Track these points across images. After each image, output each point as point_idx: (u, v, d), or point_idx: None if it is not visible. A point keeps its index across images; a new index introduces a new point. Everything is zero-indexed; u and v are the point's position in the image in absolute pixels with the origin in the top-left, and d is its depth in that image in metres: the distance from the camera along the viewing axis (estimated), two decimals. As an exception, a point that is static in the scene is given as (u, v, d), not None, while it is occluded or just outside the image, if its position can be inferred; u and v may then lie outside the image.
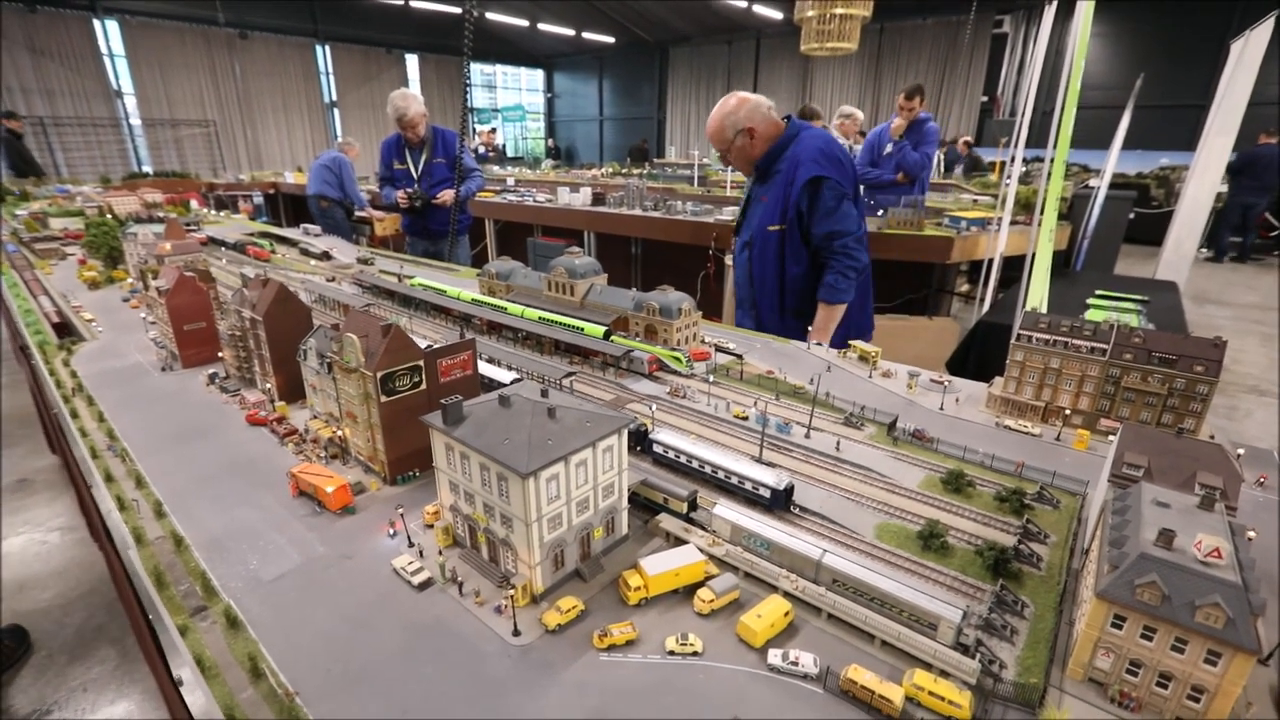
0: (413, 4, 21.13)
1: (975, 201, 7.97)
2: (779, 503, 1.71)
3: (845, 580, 1.40)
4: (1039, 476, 1.87)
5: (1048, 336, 2.18)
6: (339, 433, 2.06)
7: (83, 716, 3.43)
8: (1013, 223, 5.32)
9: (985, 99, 18.55)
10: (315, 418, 2.24)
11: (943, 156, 12.71)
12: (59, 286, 4.47)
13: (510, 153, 26.01)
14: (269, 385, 2.49)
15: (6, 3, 16.73)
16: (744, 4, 19.23)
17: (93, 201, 7.55)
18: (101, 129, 19.02)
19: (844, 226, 3.27)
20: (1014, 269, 6.46)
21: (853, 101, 20.18)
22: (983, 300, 5.50)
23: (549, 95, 30.35)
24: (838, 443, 2.08)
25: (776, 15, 19.64)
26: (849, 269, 3.31)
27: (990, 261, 5.42)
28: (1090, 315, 3.64)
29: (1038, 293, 3.38)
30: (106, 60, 18.85)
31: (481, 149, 17.17)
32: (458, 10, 21.16)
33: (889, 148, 7.38)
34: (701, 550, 1.51)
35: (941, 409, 2.40)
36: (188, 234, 4.48)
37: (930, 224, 6.11)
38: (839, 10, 10.90)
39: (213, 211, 8.52)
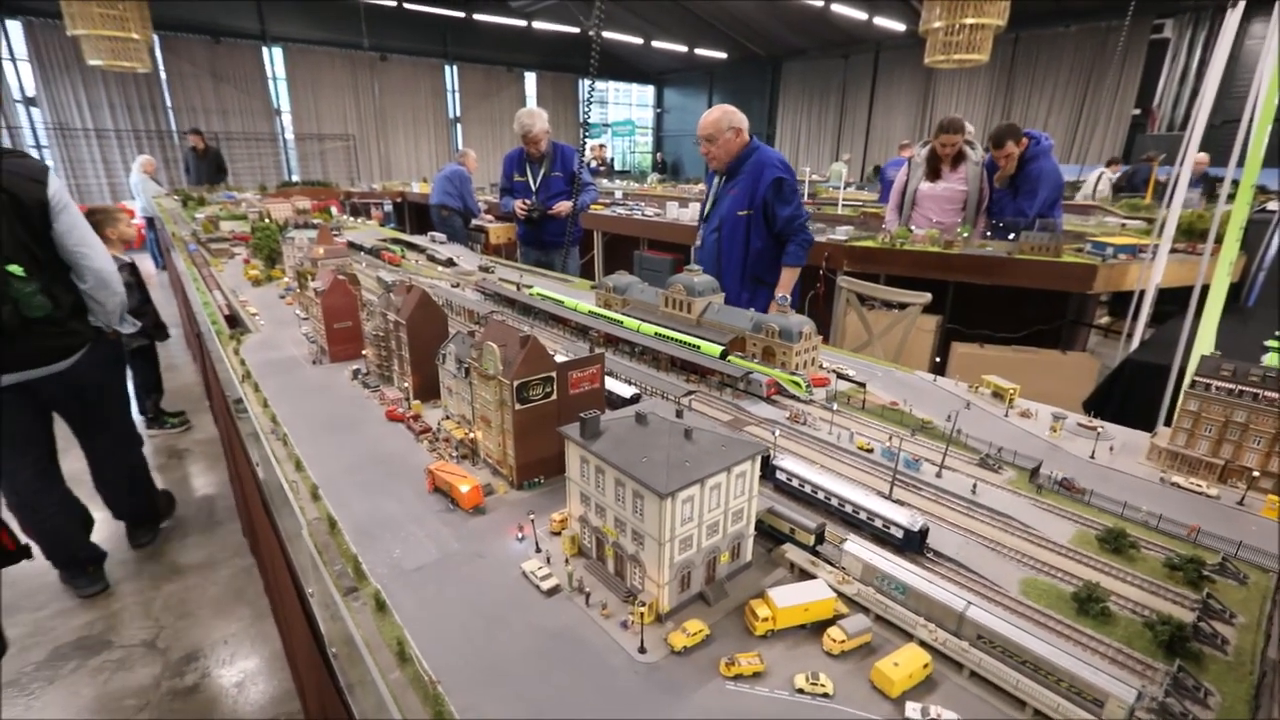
0: (535, 25, 22.25)
1: (1123, 226, 7.26)
2: (912, 544, 1.62)
3: (992, 638, 1.30)
4: (1219, 545, 1.66)
5: (1231, 386, 1.93)
6: (470, 435, 2.18)
7: (225, 665, 3.82)
8: (1171, 250, 4.79)
9: (1137, 112, 16.84)
10: (448, 418, 2.38)
11: (1107, 174, 11.38)
12: (228, 283, 5.05)
13: (617, 166, 26.70)
14: (406, 384, 2.69)
15: (198, 35, 19.34)
16: (864, 17, 18.69)
17: (254, 207, 8.52)
18: (261, 143, 21.45)
19: (799, 211, 4.62)
20: (1167, 302, 5.81)
21: (980, 116, 19.06)
22: (1130, 336, 4.98)
23: (658, 110, 30.88)
24: (974, 485, 1.94)
25: (899, 27, 18.93)
26: (804, 241, 4.66)
27: (1141, 293, 4.89)
28: (1269, 360, 3.20)
29: (1208, 332, 3.01)
30: (270, 83, 21.25)
31: (593, 163, 17.88)
32: (576, 30, 22.05)
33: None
34: (831, 587, 1.46)
35: (1093, 457, 2.18)
36: (334, 239, 4.93)
37: (1069, 249, 5.62)
38: (969, 20, 10.33)
39: (349, 218, 9.33)
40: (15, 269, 3.30)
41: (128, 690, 3.64)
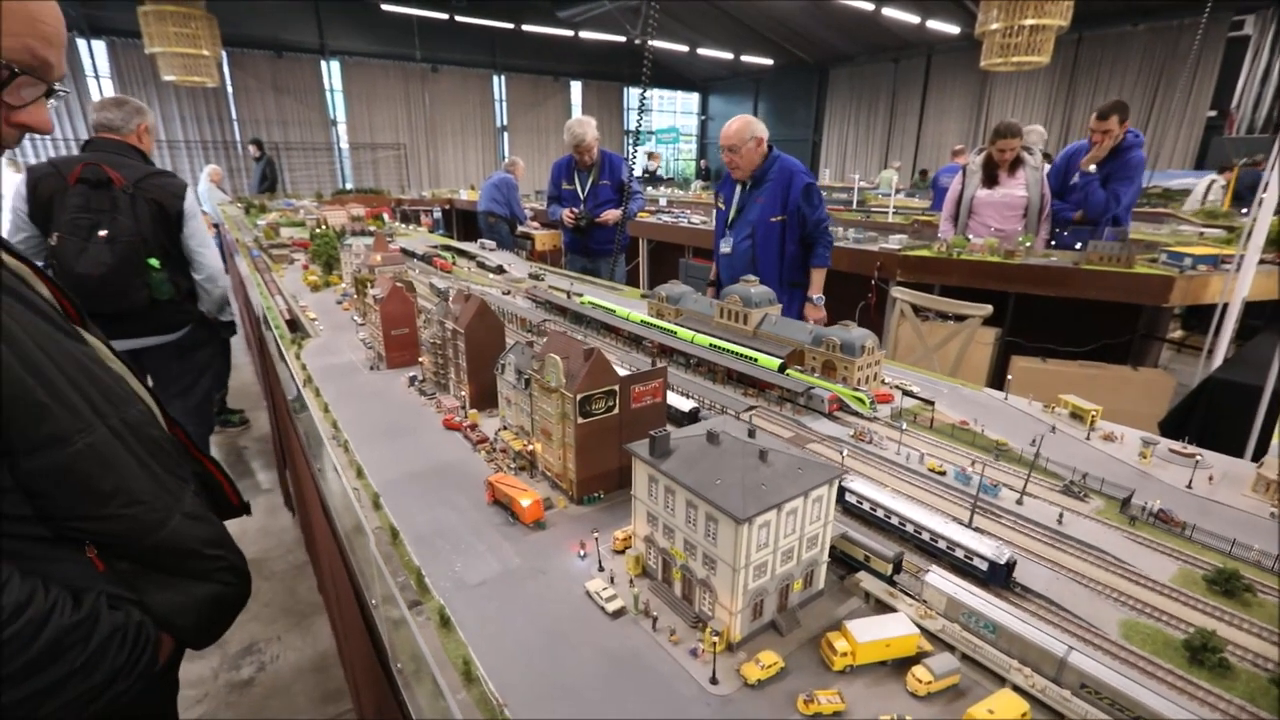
0: (581, 35, 22.53)
1: (1202, 235, 6.85)
2: (998, 578, 1.52)
3: (1098, 688, 1.19)
4: (1347, 590, 1.50)
5: (1355, 413, 1.76)
6: (529, 446, 2.16)
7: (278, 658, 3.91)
8: (1260, 261, 4.48)
9: (1213, 113, 15.91)
10: (505, 429, 2.38)
11: (1220, 181, 10.68)
12: (288, 288, 5.21)
13: (661, 174, 26.75)
14: (463, 393, 2.69)
15: (261, 50, 20.26)
16: (916, 20, 18.27)
17: (312, 214, 8.80)
18: (318, 152, 22.30)
19: (824, 215, 4.95)
20: (1251, 316, 5.43)
21: (1039, 121, 18.37)
22: (1211, 352, 4.67)
23: (703, 118, 30.80)
24: (1060, 515, 1.82)
25: (952, 29, 18.43)
26: (829, 242, 5.02)
27: (1224, 307, 4.59)
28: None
29: (1310, 352, 2.78)
30: (328, 94, 22.09)
31: (653, 168, 18.13)
32: (622, 39, 22.21)
33: (1075, 177, 6.40)
34: (914, 621, 1.37)
35: (1189, 487, 2.03)
36: (389, 246, 5.03)
37: (1142, 260, 5.32)
38: (1029, 21, 9.97)
39: (401, 225, 9.55)
40: (154, 262, 4.20)
41: (187, 680, 3.75)
